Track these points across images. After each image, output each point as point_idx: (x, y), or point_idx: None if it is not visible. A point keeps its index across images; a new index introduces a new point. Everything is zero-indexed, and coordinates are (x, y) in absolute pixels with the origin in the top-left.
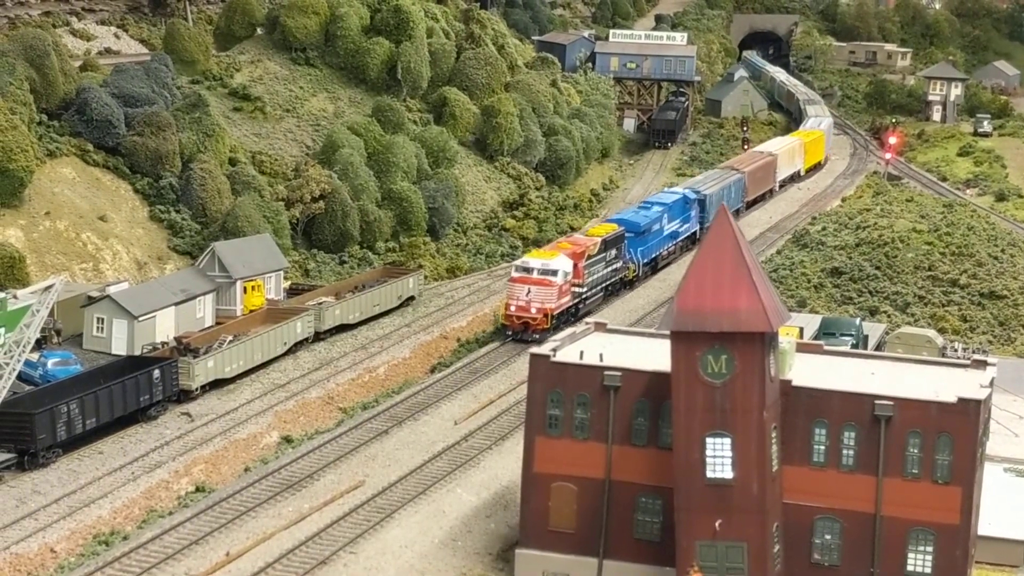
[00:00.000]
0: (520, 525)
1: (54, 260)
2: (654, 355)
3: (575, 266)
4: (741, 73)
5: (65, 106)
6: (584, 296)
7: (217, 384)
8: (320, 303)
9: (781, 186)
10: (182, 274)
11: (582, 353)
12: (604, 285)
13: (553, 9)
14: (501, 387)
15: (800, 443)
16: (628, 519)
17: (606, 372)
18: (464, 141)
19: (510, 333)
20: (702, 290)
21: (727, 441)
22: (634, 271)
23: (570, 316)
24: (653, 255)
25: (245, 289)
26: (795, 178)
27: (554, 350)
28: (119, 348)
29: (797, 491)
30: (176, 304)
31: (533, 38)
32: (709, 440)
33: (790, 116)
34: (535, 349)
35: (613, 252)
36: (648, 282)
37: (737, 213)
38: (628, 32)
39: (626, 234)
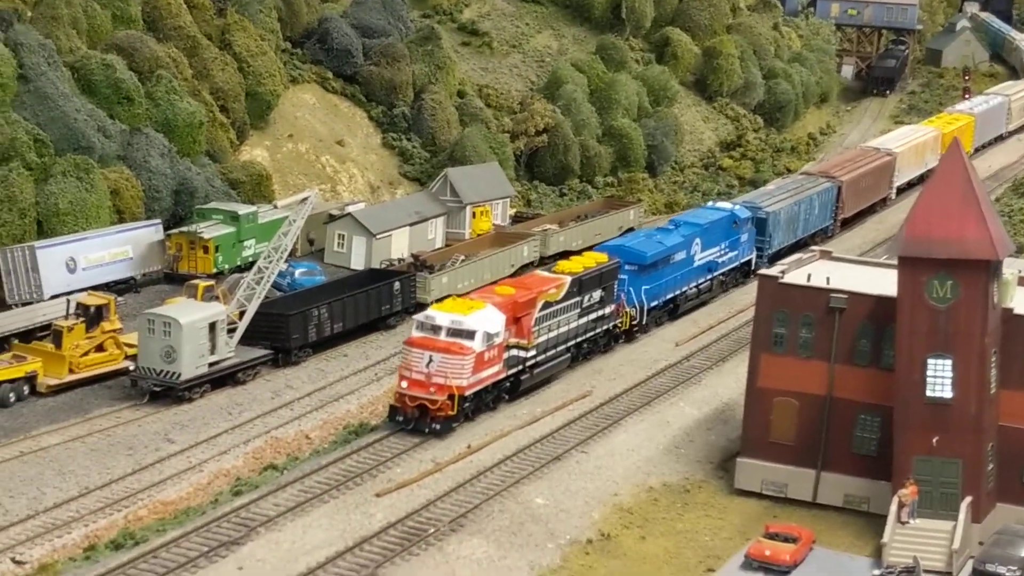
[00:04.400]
0: (742, 436)
1: (295, 180)
2: (877, 281)
3: (515, 321)
4: (964, 23)
5: (307, 35)
6: (532, 362)
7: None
8: (545, 230)
9: (900, 192)
10: (415, 197)
11: (809, 276)
12: (576, 342)
13: None
14: (720, 314)
15: (1018, 369)
16: (847, 434)
17: (832, 295)
18: (684, 81)
19: (400, 419)
20: (931, 218)
21: (948, 363)
22: (632, 318)
23: (502, 394)
24: (670, 295)
25: (474, 214)
26: (925, 178)
27: (782, 272)
28: (357, 263)
29: (1013, 414)
30: (410, 225)
31: None
32: (931, 361)
33: (1013, 71)
34: (764, 271)
35: (596, 294)
36: (661, 332)
37: (825, 233)
38: None
39: (625, 267)
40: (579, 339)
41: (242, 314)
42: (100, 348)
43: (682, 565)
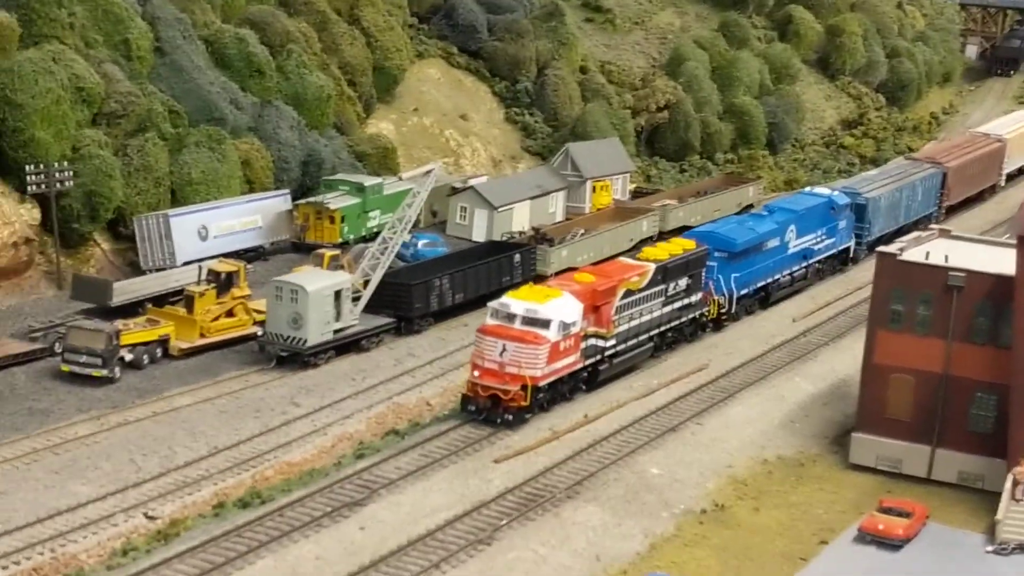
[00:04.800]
0: (857, 412)
1: (420, 153)
2: (996, 261)
3: (594, 310)
4: None
5: (434, 11)
6: (612, 352)
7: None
8: (664, 205)
9: (1010, 179)
10: (536, 171)
11: (927, 254)
12: (660, 331)
13: None
14: (837, 291)
15: None
16: (963, 412)
17: (951, 272)
18: (806, 59)
19: (473, 408)
20: None
21: None
22: (720, 306)
23: (579, 384)
24: (761, 283)
25: (594, 188)
26: None
27: (901, 249)
28: (479, 235)
29: None
30: (531, 198)
31: None
32: None
33: None
34: (883, 248)
35: (682, 282)
36: (779, 308)
37: (929, 220)
38: None
39: (715, 254)
40: (663, 328)
41: (366, 283)
42: (230, 313)
43: (795, 537)
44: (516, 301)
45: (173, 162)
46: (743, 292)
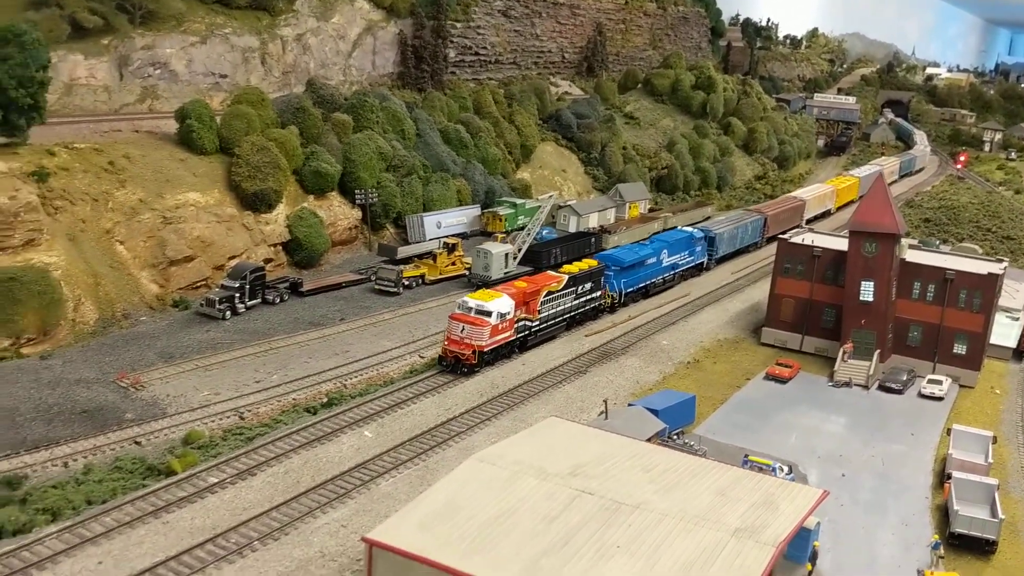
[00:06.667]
0: (766, 316)
1: (541, 189)
2: (836, 242)
3: (526, 304)
4: (882, 120)
5: (550, 116)
6: (536, 328)
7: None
8: (665, 216)
9: (808, 222)
10: (601, 198)
11: (803, 239)
12: (571, 315)
13: (784, 81)
14: (748, 261)
15: (906, 288)
16: (818, 317)
17: (814, 248)
18: (737, 144)
19: (444, 364)
20: (866, 211)
21: (871, 283)
22: (613, 299)
23: (514, 348)
24: (641, 284)
25: (630, 206)
26: (826, 215)
27: (789, 238)
28: (572, 228)
29: (903, 311)
30: (598, 211)
31: (774, 95)
32: (863, 282)
33: (907, 145)
34: (783, 236)
35: (587, 285)
36: (631, 307)
37: (756, 246)
38: (823, 95)
39: (611, 267)
40: (573, 313)
41: (520, 249)
42: (453, 263)
43: (733, 376)
44: (472, 300)
45: (424, 191)
46: (629, 290)
